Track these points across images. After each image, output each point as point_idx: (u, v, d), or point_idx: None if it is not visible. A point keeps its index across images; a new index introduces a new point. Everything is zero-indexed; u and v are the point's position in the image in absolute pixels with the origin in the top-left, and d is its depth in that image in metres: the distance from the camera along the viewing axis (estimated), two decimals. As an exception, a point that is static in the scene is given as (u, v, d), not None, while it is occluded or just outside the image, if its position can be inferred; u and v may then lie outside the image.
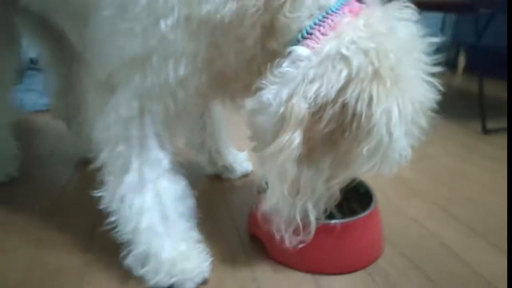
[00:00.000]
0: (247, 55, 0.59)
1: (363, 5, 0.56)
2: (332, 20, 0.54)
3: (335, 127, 0.52)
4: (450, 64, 2.90)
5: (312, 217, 0.60)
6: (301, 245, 0.61)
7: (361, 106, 0.50)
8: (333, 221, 0.64)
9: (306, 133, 0.52)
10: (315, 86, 0.50)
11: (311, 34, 0.54)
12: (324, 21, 0.54)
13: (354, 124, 0.51)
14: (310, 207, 0.59)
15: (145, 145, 0.62)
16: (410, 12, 0.55)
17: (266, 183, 0.60)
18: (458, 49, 2.68)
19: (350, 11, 0.55)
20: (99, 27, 0.59)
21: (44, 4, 0.78)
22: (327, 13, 0.54)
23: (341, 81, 0.50)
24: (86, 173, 0.99)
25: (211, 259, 0.66)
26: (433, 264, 0.69)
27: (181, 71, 0.56)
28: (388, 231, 0.78)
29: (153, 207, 0.62)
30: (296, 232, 0.60)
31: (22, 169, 1.02)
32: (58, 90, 1.07)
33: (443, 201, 0.92)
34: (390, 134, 0.51)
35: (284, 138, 0.52)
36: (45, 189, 0.96)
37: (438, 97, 0.56)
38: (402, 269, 0.68)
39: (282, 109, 0.52)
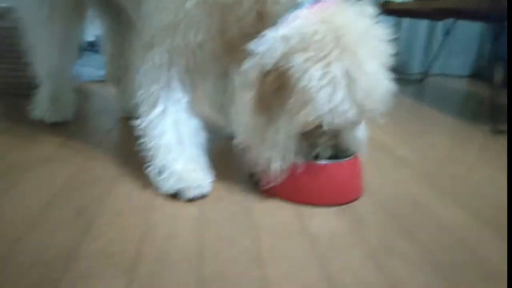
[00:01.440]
0: (247, 31, 0.76)
1: (325, 4, 0.72)
2: (297, 14, 0.71)
3: (278, 88, 0.70)
4: (485, 77, 2.90)
5: (276, 164, 0.75)
6: (271, 184, 0.78)
7: (291, 71, 0.68)
8: (312, 162, 0.78)
9: (258, 92, 0.71)
10: (262, 59, 0.70)
11: (282, 23, 0.71)
12: (292, 14, 0.71)
13: (288, 84, 0.69)
14: (274, 155, 0.75)
15: (171, 87, 0.81)
16: (365, 8, 0.72)
17: None
18: (495, 62, 2.69)
19: (311, 8, 0.71)
20: (147, 4, 0.81)
21: None
22: (297, 9, 0.72)
23: (278, 54, 0.68)
24: (125, 125, 1.19)
25: (212, 179, 0.82)
26: (400, 209, 0.81)
27: (199, 37, 0.76)
28: (370, 189, 0.90)
29: (171, 131, 0.80)
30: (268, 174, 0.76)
31: (76, 117, 1.25)
32: (112, 54, 1.29)
33: (433, 176, 1.02)
34: (309, 88, 0.67)
35: (243, 95, 0.73)
36: (92, 131, 1.17)
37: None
38: (371, 209, 0.80)
39: (245, 76, 0.72)
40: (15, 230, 0.64)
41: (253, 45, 0.71)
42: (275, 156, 0.75)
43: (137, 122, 0.83)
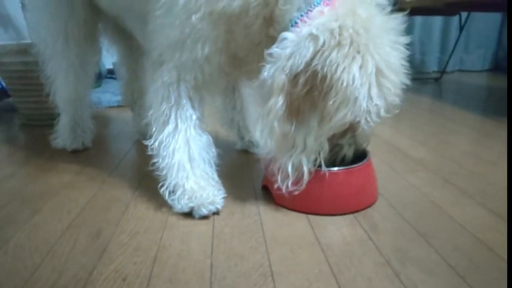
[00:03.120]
0: (254, 39, 0.77)
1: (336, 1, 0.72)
2: (312, 13, 0.70)
3: (310, 89, 0.67)
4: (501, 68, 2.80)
5: (306, 168, 0.74)
6: (295, 192, 0.75)
7: (326, 70, 0.66)
8: (323, 170, 0.78)
9: (288, 97, 0.68)
10: (290, 61, 0.67)
11: (297, 23, 0.71)
12: (307, 13, 0.71)
13: (324, 84, 0.66)
14: (304, 159, 0.73)
15: (181, 104, 0.82)
16: (381, 1, 0.71)
17: None
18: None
19: (328, 4, 0.71)
20: (153, 22, 0.82)
21: (119, 9, 1.04)
22: (310, 7, 0.71)
23: (309, 54, 0.66)
24: (141, 147, 1.22)
25: (224, 195, 0.83)
26: (416, 213, 0.79)
27: (206, 50, 0.76)
28: (384, 191, 0.89)
29: (182, 149, 0.82)
30: (293, 181, 0.75)
31: (95, 142, 1.30)
32: (127, 79, 1.34)
33: (446, 173, 0.99)
34: (351, 86, 0.65)
35: (270, 102, 0.69)
36: (110, 155, 1.21)
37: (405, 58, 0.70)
38: (386, 215, 0.79)
39: (270, 82, 0.69)
40: (37, 255, 0.67)
41: (274, 49, 0.69)
42: (305, 160, 0.73)
43: (150, 142, 0.85)
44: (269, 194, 0.87)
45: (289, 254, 0.66)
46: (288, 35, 0.69)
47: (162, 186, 0.82)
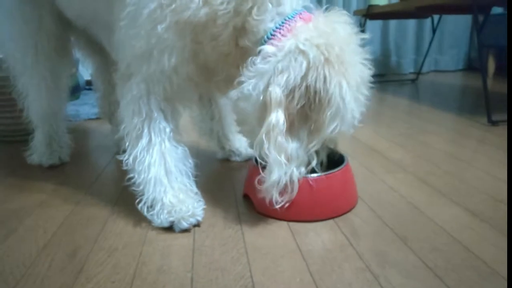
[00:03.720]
0: (223, 50, 0.76)
1: (311, 14, 0.75)
2: (289, 25, 0.72)
3: (304, 103, 0.70)
4: (474, 67, 2.88)
5: (296, 179, 0.75)
6: (286, 204, 0.76)
7: (319, 85, 0.68)
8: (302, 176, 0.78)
9: (285, 111, 0.70)
10: (285, 76, 0.69)
11: (273, 35, 0.72)
12: (283, 26, 0.72)
13: (317, 98, 0.69)
14: (295, 171, 0.74)
15: (153, 118, 0.81)
16: (346, 17, 0.74)
17: (256, 159, 0.76)
18: (487, 52, 2.68)
19: (302, 18, 0.73)
20: (119, 33, 0.80)
21: (85, 21, 1.02)
22: (285, 20, 0.72)
23: (303, 69, 0.68)
24: (120, 160, 1.20)
25: (204, 206, 0.82)
26: (395, 215, 0.80)
27: (173, 61, 0.75)
28: (364, 194, 0.90)
29: (158, 163, 0.80)
30: (281, 193, 0.75)
31: (73, 156, 1.27)
32: (103, 92, 1.32)
33: (423, 174, 1.01)
34: (343, 100, 0.69)
35: (272, 118, 0.69)
36: (87, 169, 1.19)
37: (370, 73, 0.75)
38: (366, 219, 0.79)
39: (261, 97, 0.70)
40: (11, 277, 0.65)
41: (257, 64, 0.70)
42: (296, 172, 0.74)
43: (124, 157, 0.83)
44: (250, 203, 0.87)
45: (271, 264, 0.66)
46: (268, 48, 0.70)
47: (140, 201, 0.81)
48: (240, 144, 1.17)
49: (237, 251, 0.70)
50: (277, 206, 0.76)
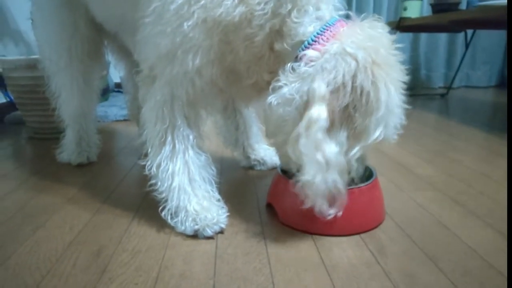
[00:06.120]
0: (256, 52, 0.73)
1: (349, 22, 0.73)
2: (331, 31, 0.70)
3: (348, 104, 0.66)
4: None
5: (342, 188, 0.69)
6: (339, 214, 0.73)
7: (368, 85, 0.66)
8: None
9: (328, 107, 0.66)
10: (332, 74, 0.66)
11: (315, 41, 0.69)
12: (325, 31, 0.70)
13: (364, 100, 0.66)
14: (338, 179, 0.68)
15: (176, 125, 0.79)
16: (383, 24, 0.72)
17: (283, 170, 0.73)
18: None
19: (342, 25, 0.71)
20: (143, 31, 0.77)
21: (114, 24, 1.04)
22: (326, 26, 0.70)
23: (353, 69, 0.66)
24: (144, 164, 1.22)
25: (227, 214, 0.82)
26: (425, 235, 0.77)
27: (197, 62, 0.71)
28: (391, 211, 0.87)
29: (182, 172, 0.80)
30: (330, 203, 0.71)
31: (100, 157, 1.30)
32: (133, 94, 1.35)
33: (454, 193, 0.97)
34: (391, 104, 0.68)
35: (313, 111, 0.65)
36: (114, 169, 1.21)
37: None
38: (393, 236, 0.77)
39: (305, 98, 0.66)
40: (37, 273, 0.66)
41: (302, 68, 0.67)
42: (340, 180, 0.68)
43: (146, 162, 0.82)
44: (273, 212, 0.86)
45: (294, 277, 0.64)
46: (311, 52, 0.68)
47: (163, 209, 0.81)
48: (265, 153, 1.17)
49: (260, 261, 0.69)
50: (327, 218, 0.73)
